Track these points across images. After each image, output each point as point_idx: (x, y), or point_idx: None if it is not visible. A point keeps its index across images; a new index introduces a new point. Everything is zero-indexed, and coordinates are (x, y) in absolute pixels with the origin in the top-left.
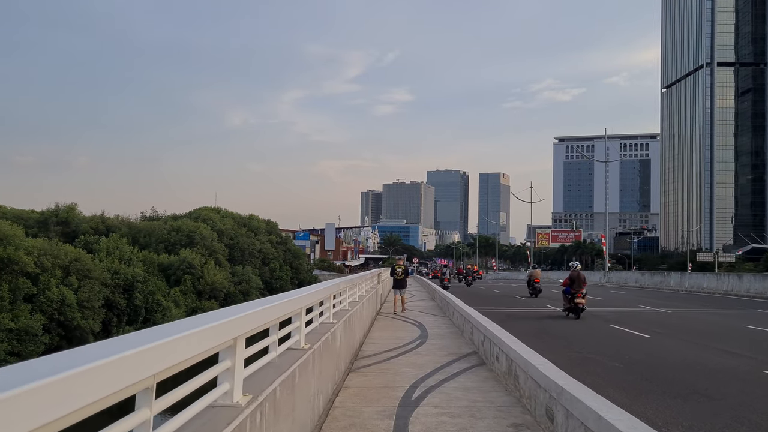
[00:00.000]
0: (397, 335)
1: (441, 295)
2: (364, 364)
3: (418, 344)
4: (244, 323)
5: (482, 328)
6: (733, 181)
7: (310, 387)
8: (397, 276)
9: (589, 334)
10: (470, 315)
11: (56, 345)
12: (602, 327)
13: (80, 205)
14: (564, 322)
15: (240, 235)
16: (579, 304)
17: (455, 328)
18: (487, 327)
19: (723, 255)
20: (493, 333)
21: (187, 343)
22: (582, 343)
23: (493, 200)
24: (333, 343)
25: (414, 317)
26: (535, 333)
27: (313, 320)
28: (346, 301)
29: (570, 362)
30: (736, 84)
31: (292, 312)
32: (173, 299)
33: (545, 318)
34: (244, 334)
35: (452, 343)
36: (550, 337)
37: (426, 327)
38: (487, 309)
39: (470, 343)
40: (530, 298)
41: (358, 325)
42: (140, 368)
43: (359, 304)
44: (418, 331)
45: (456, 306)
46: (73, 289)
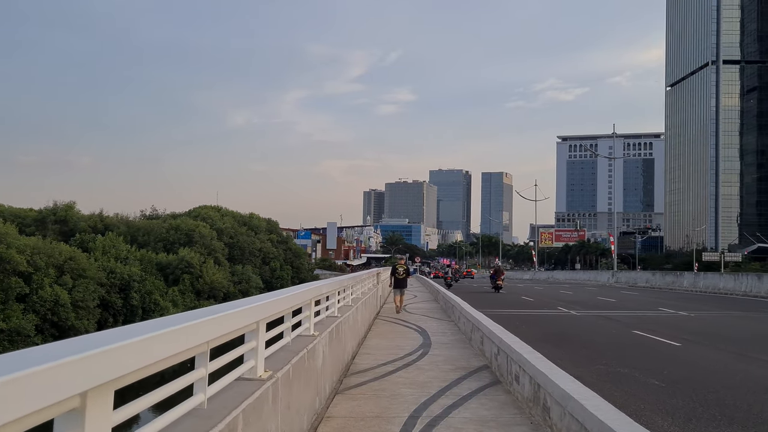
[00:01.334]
0: (397, 343)
1: (444, 297)
2: (356, 382)
3: (420, 355)
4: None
5: (496, 339)
6: (739, 181)
7: None
8: (398, 275)
9: (611, 342)
10: (479, 321)
11: None
12: (624, 333)
13: (83, 204)
14: (581, 326)
15: (240, 234)
16: (499, 284)
17: (461, 334)
18: (502, 338)
19: (729, 255)
20: (509, 345)
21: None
22: (607, 353)
23: (496, 200)
24: (312, 362)
25: (415, 321)
26: (552, 339)
27: (284, 334)
28: (335, 306)
29: (599, 378)
30: (742, 82)
31: (245, 328)
32: (171, 299)
33: (559, 321)
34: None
35: (459, 354)
36: (569, 345)
37: (429, 333)
38: (493, 312)
39: (480, 355)
40: (540, 300)
41: (351, 334)
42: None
43: (353, 309)
44: (420, 339)
45: (462, 310)
46: (67, 288)
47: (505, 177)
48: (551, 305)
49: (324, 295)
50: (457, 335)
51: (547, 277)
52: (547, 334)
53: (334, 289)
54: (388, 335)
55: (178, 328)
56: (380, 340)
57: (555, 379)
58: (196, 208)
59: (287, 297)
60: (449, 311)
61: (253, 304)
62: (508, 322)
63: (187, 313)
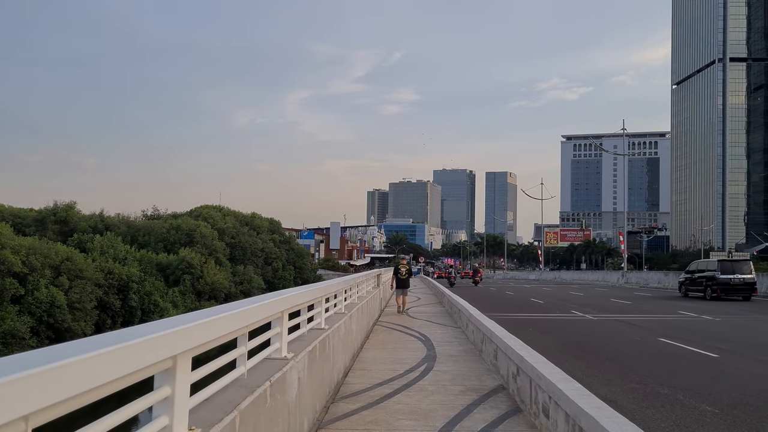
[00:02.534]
0: (397, 355)
1: (450, 300)
2: (345, 410)
3: (424, 371)
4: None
5: (515, 357)
6: (746, 179)
7: None
8: (401, 276)
9: (638, 352)
10: (492, 331)
11: None
12: (650, 341)
13: (89, 205)
14: (601, 333)
15: (242, 234)
16: (477, 280)
17: (470, 344)
18: (523, 356)
19: (737, 254)
20: (534, 368)
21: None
22: (637, 367)
23: (500, 199)
24: (282, 396)
25: (418, 328)
26: (572, 349)
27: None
28: (321, 316)
29: (637, 401)
30: (748, 80)
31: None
32: (171, 300)
33: (575, 327)
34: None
35: (469, 371)
36: (593, 356)
37: (433, 342)
38: (502, 316)
39: (494, 372)
40: (550, 303)
41: (343, 348)
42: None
43: (345, 317)
44: (423, 349)
45: (470, 316)
46: (63, 289)
47: (509, 176)
48: (564, 308)
49: (304, 305)
50: (465, 345)
51: (554, 277)
52: (564, 342)
53: (319, 296)
54: (387, 345)
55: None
56: (378, 352)
57: (608, 426)
58: (197, 207)
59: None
60: (455, 316)
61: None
62: (519, 328)
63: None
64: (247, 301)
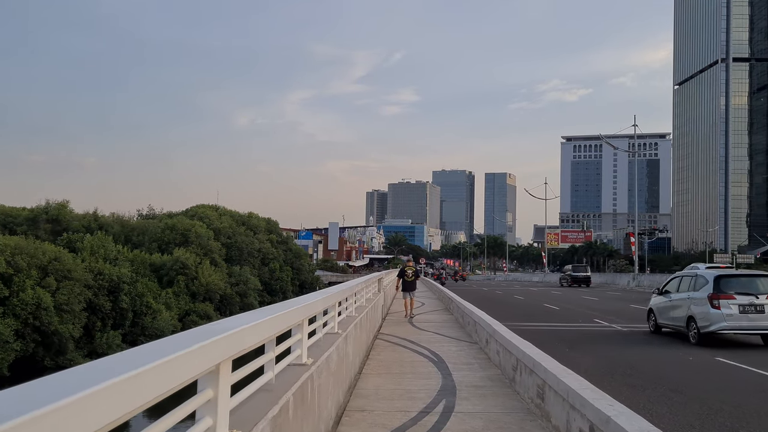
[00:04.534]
0: (405, 385)
1: (459, 307)
2: None
3: (443, 415)
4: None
5: (586, 408)
6: (748, 181)
7: None
8: (407, 278)
9: (703, 378)
10: (531, 357)
11: (32, 352)
12: (708, 362)
13: (89, 205)
14: (643, 350)
15: (238, 234)
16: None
17: (494, 368)
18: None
19: (741, 256)
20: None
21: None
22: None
23: (500, 200)
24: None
25: (427, 342)
26: (619, 373)
27: None
28: (302, 347)
29: None
30: (751, 80)
31: None
32: (165, 301)
33: (609, 343)
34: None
35: (504, 413)
36: (650, 384)
37: (447, 364)
38: (519, 325)
39: (539, 416)
40: (566, 309)
41: (334, 385)
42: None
43: (339, 340)
44: (437, 375)
45: (494, 332)
46: (50, 291)
47: (508, 178)
48: (584, 316)
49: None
50: (488, 369)
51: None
52: (610, 365)
53: (298, 320)
54: (392, 368)
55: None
56: (381, 380)
57: None
58: (193, 207)
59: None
60: (469, 328)
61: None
62: (544, 342)
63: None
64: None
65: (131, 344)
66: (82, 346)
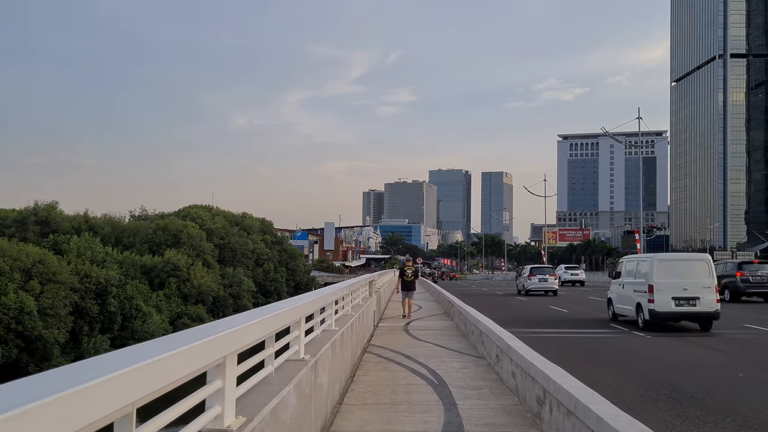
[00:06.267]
0: (397, 425)
1: (461, 312)
2: None
3: None
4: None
5: None
6: (746, 177)
7: None
8: (407, 278)
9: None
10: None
11: (15, 357)
12: (760, 378)
13: (88, 206)
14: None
15: (231, 235)
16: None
17: (510, 395)
18: None
19: (740, 254)
20: None
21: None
22: None
23: (496, 199)
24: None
25: (425, 358)
26: (661, 396)
27: None
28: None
29: None
30: (748, 76)
31: None
32: (155, 304)
33: (633, 352)
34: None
35: None
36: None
37: (451, 390)
38: (527, 333)
39: None
40: (576, 311)
41: None
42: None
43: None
44: (439, 408)
45: (507, 348)
46: (34, 294)
47: (505, 177)
48: (598, 321)
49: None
50: (501, 396)
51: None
52: (642, 383)
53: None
54: (381, 397)
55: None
56: (366, 414)
57: None
58: (185, 207)
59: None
60: (473, 338)
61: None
62: (559, 354)
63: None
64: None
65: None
66: (68, 351)
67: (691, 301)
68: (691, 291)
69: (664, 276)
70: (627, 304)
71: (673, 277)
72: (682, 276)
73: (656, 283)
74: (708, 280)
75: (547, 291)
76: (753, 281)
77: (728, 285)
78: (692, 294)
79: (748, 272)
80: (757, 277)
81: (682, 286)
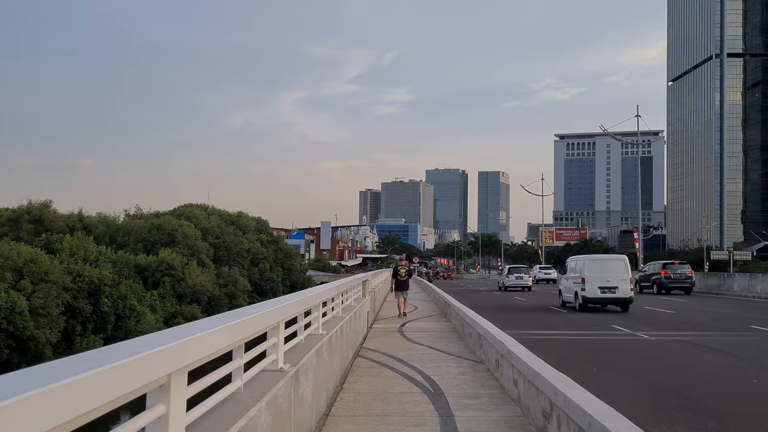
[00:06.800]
0: None
1: (458, 313)
2: None
3: None
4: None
5: None
6: (742, 177)
7: None
8: (400, 277)
9: None
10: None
11: (6, 357)
12: None
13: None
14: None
15: (227, 234)
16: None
17: (512, 404)
18: None
19: (737, 253)
20: None
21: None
22: None
23: (493, 199)
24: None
25: (420, 362)
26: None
27: None
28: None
29: None
30: (745, 76)
31: None
32: (149, 303)
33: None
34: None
35: None
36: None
37: (448, 398)
38: (525, 334)
39: None
40: (576, 315)
41: None
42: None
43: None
44: (434, 420)
45: (508, 354)
46: (26, 294)
47: (502, 176)
48: (599, 322)
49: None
50: (502, 405)
51: (557, 278)
52: (658, 392)
53: None
54: (372, 406)
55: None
56: (355, 426)
57: None
58: (180, 206)
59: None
60: (471, 341)
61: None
62: (561, 358)
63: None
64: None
65: None
66: (61, 351)
67: (612, 290)
68: (612, 282)
69: (592, 271)
70: (569, 293)
71: (598, 272)
72: (605, 271)
73: (587, 276)
74: (624, 275)
75: (523, 287)
76: (674, 278)
77: (656, 281)
78: (613, 284)
79: (670, 271)
80: (677, 275)
81: (605, 279)
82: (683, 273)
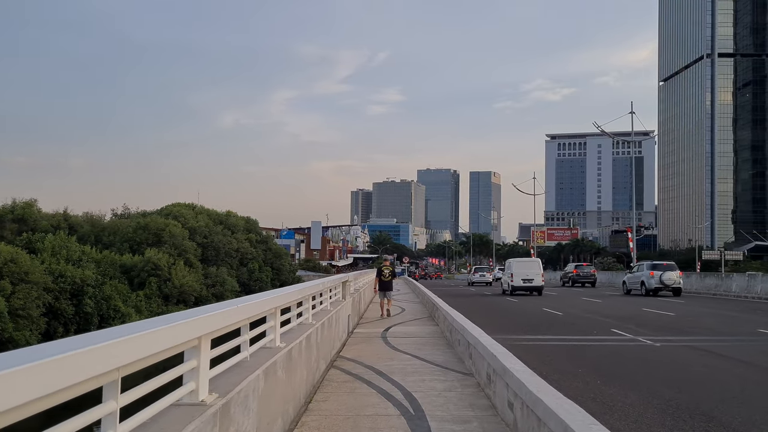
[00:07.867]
0: None
1: (445, 316)
2: None
3: None
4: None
5: None
6: (733, 177)
7: None
8: (384, 278)
9: None
10: None
11: None
12: None
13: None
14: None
15: (215, 233)
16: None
17: (506, 430)
18: None
19: (729, 253)
20: None
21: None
22: None
23: (485, 199)
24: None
25: (401, 375)
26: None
27: None
28: None
29: None
30: (735, 76)
31: None
32: (134, 304)
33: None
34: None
35: None
36: None
37: (430, 424)
38: (520, 340)
39: None
40: (571, 315)
41: None
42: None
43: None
44: None
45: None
46: (5, 295)
47: (493, 176)
48: (598, 325)
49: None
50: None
51: (549, 278)
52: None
53: None
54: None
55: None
56: None
57: None
58: (168, 206)
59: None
60: (460, 349)
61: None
62: (561, 367)
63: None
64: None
65: None
66: None
67: (530, 281)
68: (530, 276)
69: (517, 269)
70: (505, 285)
71: (521, 269)
72: (526, 269)
73: (514, 272)
74: (538, 271)
75: (486, 283)
76: (581, 275)
77: (570, 278)
78: (530, 277)
79: (579, 270)
80: (584, 273)
81: (526, 273)
82: (589, 272)
